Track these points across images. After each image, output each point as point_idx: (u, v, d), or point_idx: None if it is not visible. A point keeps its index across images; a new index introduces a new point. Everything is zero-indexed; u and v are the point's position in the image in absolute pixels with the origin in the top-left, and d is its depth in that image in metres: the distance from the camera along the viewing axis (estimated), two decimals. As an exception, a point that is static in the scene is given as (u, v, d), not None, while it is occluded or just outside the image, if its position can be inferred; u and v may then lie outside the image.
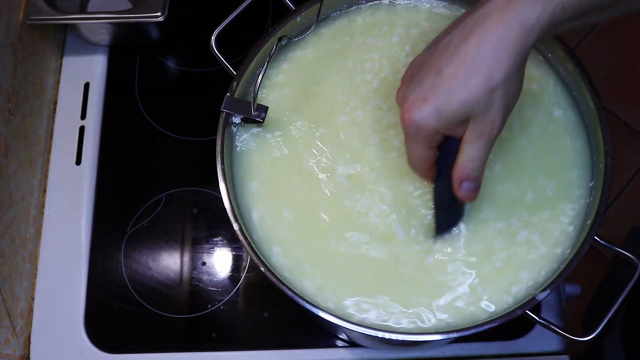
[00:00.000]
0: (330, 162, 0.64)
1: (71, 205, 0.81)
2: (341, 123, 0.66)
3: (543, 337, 0.75)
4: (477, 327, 0.57)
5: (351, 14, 0.70)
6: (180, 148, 0.85)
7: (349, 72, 0.67)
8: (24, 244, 0.78)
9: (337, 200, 0.63)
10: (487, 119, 0.51)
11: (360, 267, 0.61)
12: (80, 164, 0.83)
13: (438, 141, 0.55)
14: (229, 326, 0.77)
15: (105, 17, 0.81)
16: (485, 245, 0.61)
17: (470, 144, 0.53)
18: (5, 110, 0.75)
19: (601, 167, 0.62)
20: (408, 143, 0.56)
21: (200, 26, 0.76)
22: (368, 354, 0.75)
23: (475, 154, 0.53)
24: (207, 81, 0.88)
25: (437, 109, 0.51)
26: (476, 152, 0.53)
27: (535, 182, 0.63)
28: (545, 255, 0.61)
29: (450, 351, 0.75)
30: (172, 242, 0.80)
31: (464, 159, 0.54)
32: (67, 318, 0.77)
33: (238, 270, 0.79)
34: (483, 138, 0.52)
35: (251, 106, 0.62)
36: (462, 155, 0.54)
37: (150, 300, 0.78)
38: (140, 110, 0.87)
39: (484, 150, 0.53)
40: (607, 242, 0.60)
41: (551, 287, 0.57)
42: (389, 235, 0.62)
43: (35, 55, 0.83)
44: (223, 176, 0.61)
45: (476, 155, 0.53)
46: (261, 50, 0.66)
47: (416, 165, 0.58)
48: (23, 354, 0.76)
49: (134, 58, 0.89)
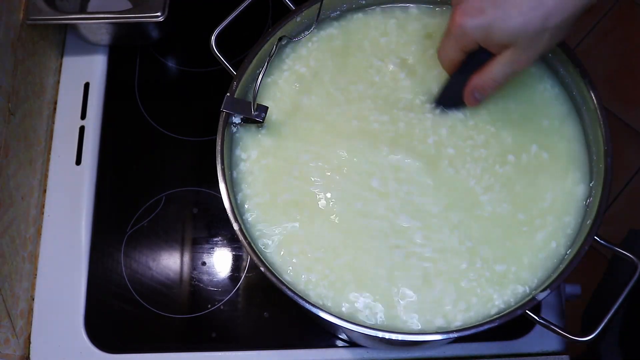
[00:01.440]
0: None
1: (71, 205, 0.82)
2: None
3: (543, 337, 0.75)
4: (477, 327, 0.57)
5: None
6: (180, 148, 0.85)
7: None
8: (24, 244, 0.78)
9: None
10: (525, 53, 0.55)
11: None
12: (80, 164, 0.83)
13: (472, 49, 0.58)
14: (229, 326, 0.77)
15: (105, 17, 0.81)
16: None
17: (499, 65, 0.57)
18: (5, 110, 0.75)
19: (601, 167, 0.62)
20: (446, 39, 0.59)
21: (200, 26, 0.76)
22: (368, 354, 0.75)
23: (499, 75, 0.58)
24: (207, 81, 0.88)
25: (489, 25, 0.54)
26: (500, 75, 0.58)
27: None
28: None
29: (450, 351, 0.75)
30: (172, 242, 0.80)
31: (488, 74, 0.59)
32: (67, 318, 0.77)
33: (238, 270, 0.79)
34: (513, 66, 0.57)
35: (251, 106, 0.62)
36: (487, 71, 0.58)
37: (150, 300, 0.78)
38: (140, 110, 0.87)
39: (507, 76, 0.58)
40: (607, 242, 0.60)
41: (551, 287, 0.57)
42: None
43: (35, 55, 0.83)
44: (223, 176, 0.61)
45: (499, 77, 0.58)
46: (261, 50, 0.66)
47: (444, 60, 0.62)
48: (23, 354, 0.76)
49: (134, 58, 0.89)
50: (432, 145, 0.65)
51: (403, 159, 0.64)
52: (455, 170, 0.64)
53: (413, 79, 0.67)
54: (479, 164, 0.64)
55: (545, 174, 0.64)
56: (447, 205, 0.63)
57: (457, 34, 0.57)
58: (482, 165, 0.64)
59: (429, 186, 0.63)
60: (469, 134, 0.65)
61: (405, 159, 0.64)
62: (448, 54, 0.60)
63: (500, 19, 0.53)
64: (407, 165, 0.64)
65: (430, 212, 0.62)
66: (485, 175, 0.63)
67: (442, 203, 0.63)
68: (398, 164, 0.64)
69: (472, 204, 0.63)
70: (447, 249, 0.61)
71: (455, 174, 0.63)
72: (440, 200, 0.63)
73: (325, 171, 0.64)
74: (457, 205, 0.63)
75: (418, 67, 0.68)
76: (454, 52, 0.59)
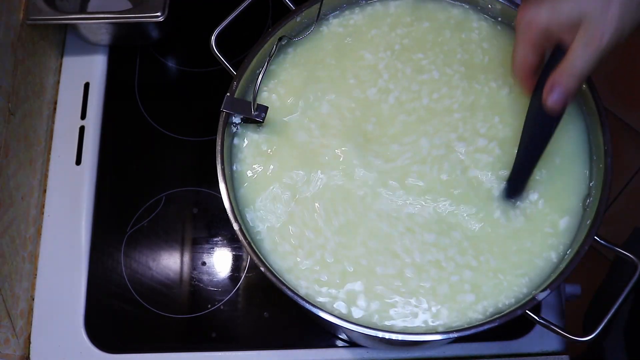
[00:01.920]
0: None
1: (71, 205, 0.82)
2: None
3: (543, 337, 0.75)
4: (477, 327, 0.57)
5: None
6: (180, 148, 0.85)
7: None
8: (24, 244, 0.78)
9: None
10: (598, 26, 0.51)
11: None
12: (80, 164, 0.83)
13: (545, 47, 0.55)
14: (229, 326, 0.77)
15: (105, 17, 0.81)
16: None
17: (574, 52, 0.52)
18: (5, 110, 0.75)
19: (601, 167, 0.61)
20: (516, 42, 0.56)
21: (200, 26, 0.76)
22: (368, 354, 0.75)
23: (577, 63, 0.52)
24: (207, 81, 0.88)
25: (552, 5, 0.53)
26: (578, 62, 0.52)
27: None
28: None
29: (450, 351, 0.75)
30: (172, 242, 0.80)
31: (565, 65, 0.53)
32: (67, 318, 0.77)
33: (238, 270, 0.79)
34: (590, 48, 0.51)
35: (251, 106, 0.62)
36: (564, 62, 0.53)
37: (150, 300, 0.78)
38: (140, 110, 0.87)
39: (587, 63, 0.52)
40: (607, 242, 0.60)
41: (551, 287, 0.57)
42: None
43: (35, 55, 0.83)
44: (223, 176, 0.61)
45: (578, 64, 0.52)
46: (261, 50, 0.66)
47: (518, 66, 0.57)
48: (23, 354, 0.76)
49: (134, 58, 0.89)
50: None
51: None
52: None
53: None
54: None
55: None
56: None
57: (524, 28, 0.55)
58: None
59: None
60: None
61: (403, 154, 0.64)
62: (521, 55, 0.57)
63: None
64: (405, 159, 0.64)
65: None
66: None
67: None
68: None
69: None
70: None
71: None
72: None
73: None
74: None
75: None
76: (526, 51, 0.56)
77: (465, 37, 0.68)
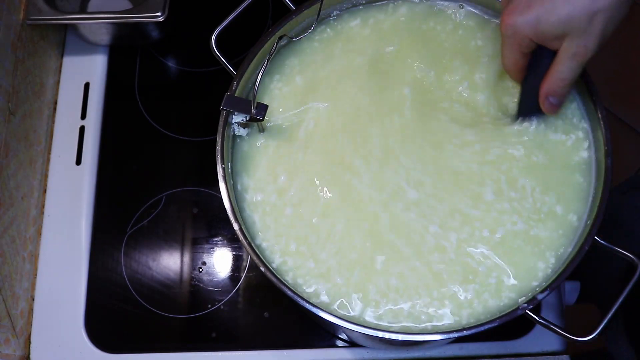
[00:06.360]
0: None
1: (71, 205, 0.82)
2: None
3: (543, 337, 0.75)
4: (477, 327, 0.57)
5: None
6: (180, 148, 0.85)
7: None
8: (24, 244, 0.78)
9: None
10: (582, 40, 0.54)
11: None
12: (80, 164, 0.83)
13: (531, 48, 0.57)
14: (229, 326, 0.77)
15: (105, 17, 0.81)
16: None
17: (561, 62, 0.56)
18: (5, 110, 0.75)
19: (601, 167, 0.62)
20: (503, 45, 0.59)
21: (200, 26, 0.76)
22: (368, 354, 0.75)
23: (565, 73, 0.56)
24: (207, 81, 0.88)
25: (537, 18, 0.54)
26: (566, 72, 0.56)
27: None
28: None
29: (450, 351, 0.75)
30: (172, 242, 0.80)
31: (554, 76, 0.57)
32: (67, 318, 0.77)
33: (238, 270, 0.79)
34: (576, 59, 0.55)
35: (251, 104, 0.62)
36: (553, 73, 0.57)
37: (150, 300, 0.78)
38: (140, 110, 0.87)
39: (574, 71, 0.56)
40: (607, 242, 0.60)
41: (551, 287, 0.57)
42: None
43: (35, 55, 0.83)
44: (223, 176, 0.61)
45: (566, 74, 0.57)
46: (261, 50, 0.66)
47: (507, 66, 0.61)
48: (23, 354, 0.76)
49: (134, 58, 0.89)
50: None
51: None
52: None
53: None
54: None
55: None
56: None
57: (509, 35, 0.56)
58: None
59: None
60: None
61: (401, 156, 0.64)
62: (509, 57, 0.59)
63: (548, 10, 0.53)
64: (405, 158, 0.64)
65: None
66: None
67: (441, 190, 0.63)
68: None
69: None
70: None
71: None
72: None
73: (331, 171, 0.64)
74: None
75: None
76: (514, 54, 0.58)
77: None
